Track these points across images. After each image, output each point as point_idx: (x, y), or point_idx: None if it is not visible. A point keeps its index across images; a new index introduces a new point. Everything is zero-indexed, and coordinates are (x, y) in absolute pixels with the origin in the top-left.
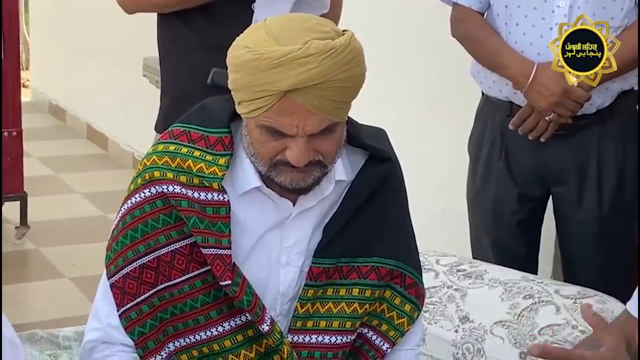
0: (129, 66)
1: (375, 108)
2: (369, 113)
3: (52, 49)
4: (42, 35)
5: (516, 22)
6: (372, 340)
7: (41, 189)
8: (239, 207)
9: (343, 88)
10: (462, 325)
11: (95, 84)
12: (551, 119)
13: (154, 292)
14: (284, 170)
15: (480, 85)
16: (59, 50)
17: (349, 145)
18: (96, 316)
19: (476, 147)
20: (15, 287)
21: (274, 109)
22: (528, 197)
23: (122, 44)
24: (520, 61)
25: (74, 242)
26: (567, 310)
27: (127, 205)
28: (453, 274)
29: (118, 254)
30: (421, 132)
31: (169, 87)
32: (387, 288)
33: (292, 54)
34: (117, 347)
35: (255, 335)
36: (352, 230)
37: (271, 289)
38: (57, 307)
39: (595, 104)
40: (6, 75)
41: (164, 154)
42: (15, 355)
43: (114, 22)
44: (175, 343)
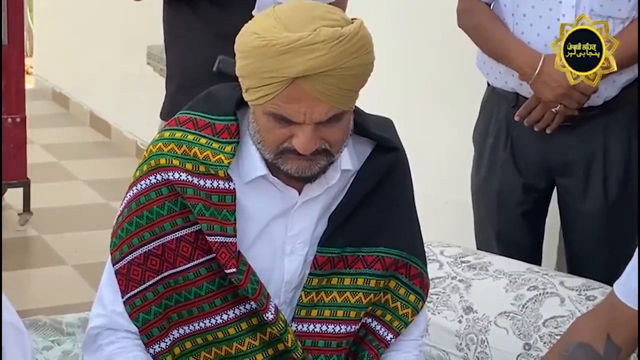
0: (133, 54)
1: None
2: (376, 103)
3: (55, 36)
4: (46, 22)
5: (523, 13)
6: (376, 330)
7: (44, 176)
8: (245, 195)
9: (351, 76)
10: (465, 315)
11: (99, 72)
12: (557, 111)
13: (159, 279)
14: (290, 158)
15: (486, 76)
16: (62, 38)
17: (356, 134)
18: (101, 303)
19: (481, 138)
20: (18, 273)
21: (281, 96)
22: (533, 189)
23: (126, 32)
24: (527, 52)
25: (76, 229)
26: (572, 302)
27: (133, 192)
28: (457, 265)
29: (123, 240)
30: (426, 123)
31: (174, 74)
32: (391, 278)
33: (301, 41)
34: (122, 333)
35: (259, 323)
36: (358, 220)
37: (276, 278)
38: (60, 294)
39: (602, 95)
40: (10, 62)
41: (170, 141)
42: (21, 341)
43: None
44: (179, 330)
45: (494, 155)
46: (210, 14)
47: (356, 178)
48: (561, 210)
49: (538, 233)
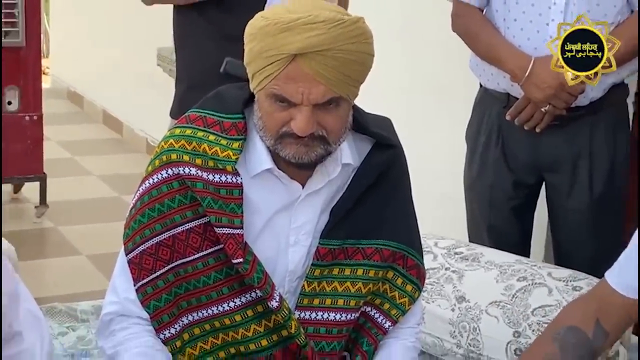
0: (144, 55)
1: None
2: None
3: (70, 38)
4: (61, 25)
5: (514, 18)
6: (375, 318)
7: (59, 171)
8: (251, 189)
9: (349, 60)
10: (458, 304)
11: (111, 72)
12: (546, 111)
13: (169, 269)
14: (289, 143)
15: (479, 77)
16: (77, 40)
17: (356, 132)
18: (114, 290)
19: (474, 137)
20: (35, 263)
21: (281, 76)
22: (522, 185)
23: (137, 35)
24: (518, 55)
25: (90, 221)
26: (559, 292)
27: (145, 185)
28: (451, 257)
29: (136, 231)
30: (422, 122)
31: (184, 75)
32: (389, 269)
33: (301, 19)
34: (134, 319)
35: (264, 311)
36: (358, 213)
37: (280, 268)
38: (75, 282)
39: (588, 96)
40: (28, 63)
41: (181, 137)
42: (39, 327)
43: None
44: (188, 317)
45: (486, 152)
46: (217, 18)
47: (356, 173)
48: (549, 205)
49: (527, 226)
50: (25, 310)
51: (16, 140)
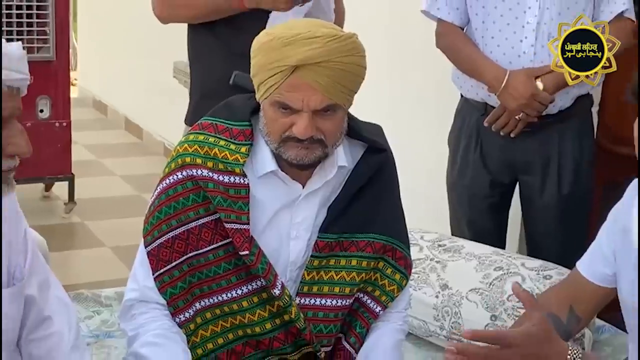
0: (161, 69)
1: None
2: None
3: (96, 53)
4: (87, 41)
5: (491, 36)
6: (367, 303)
7: (86, 172)
8: (257, 189)
9: (344, 72)
10: (442, 291)
11: (132, 83)
12: (520, 118)
13: (184, 260)
14: (291, 146)
15: (460, 88)
16: (101, 54)
17: (350, 137)
18: (134, 279)
19: (455, 141)
20: (64, 254)
21: (284, 85)
22: (499, 184)
23: (155, 50)
24: (495, 69)
25: (113, 216)
26: (531, 280)
27: (162, 185)
28: (435, 249)
29: (154, 226)
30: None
31: (197, 86)
32: (380, 260)
33: (301, 34)
34: (152, 305)
35: (268, 297)
36: (352, 210)
37: (282, 259)
38: (99, 271)
39: (557, 105)
40: (58, 75)
41: (194, 142)
42: (67, 312)
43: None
44: (201, 302)
45: (466, 155)
46: (227, 35)
47: (351, 175)
48: (522, 202)
49: (503, 221)
50: (54, 296)
51: (47, 144)
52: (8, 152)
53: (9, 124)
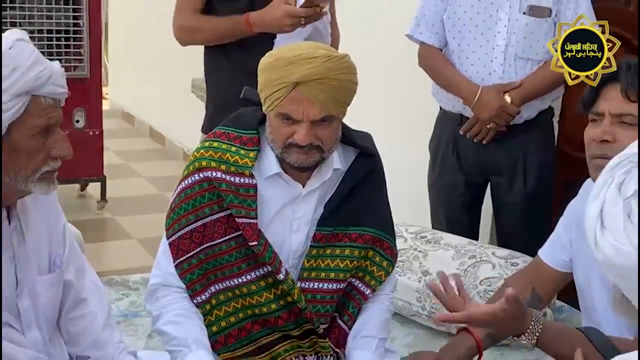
0: (181, 84)
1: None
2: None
3: (124, 70)
4: (117, 60)
5: (466, 56)
6: (358, 287)
7: (116, 174)
8: (263, 188)
9: (338, 87)
10: (423, 277)
11: (156, 97)
12: (491, 127)
13: (201, 249)
14: (293, 151)
15: (439, 102)
16: (129, 72)
17: (344, 144)
18: (158, 266)
19: (435, 147)
20: (97, 245)
21: (287, 99)
22: (472, 184)
23: (175, 68)
24: (469, 85)
25: (139, 212)
26: (501, 267)
27: (182, 185)
28: (417, 240)
29: (175, 221)
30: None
31: (212, 100)
32: (370, 249)
33: (301, 56)
34: (173, 288)
35: (274, 282)
36: (345, 206)
37: (286, 248)
38: (127, 260)
39: (523, 116)
40: (91, 90)
41: (209, 148)
42: (100, 294)
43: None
44: (215, 286)
45: (444, 159)
46: (238, 56)
47: (344, 176)
48: (493, 200)
49: (476, 216)
50: (89, 281)
51: (82, 150)
52: (53, 155)
53: (54, 131)
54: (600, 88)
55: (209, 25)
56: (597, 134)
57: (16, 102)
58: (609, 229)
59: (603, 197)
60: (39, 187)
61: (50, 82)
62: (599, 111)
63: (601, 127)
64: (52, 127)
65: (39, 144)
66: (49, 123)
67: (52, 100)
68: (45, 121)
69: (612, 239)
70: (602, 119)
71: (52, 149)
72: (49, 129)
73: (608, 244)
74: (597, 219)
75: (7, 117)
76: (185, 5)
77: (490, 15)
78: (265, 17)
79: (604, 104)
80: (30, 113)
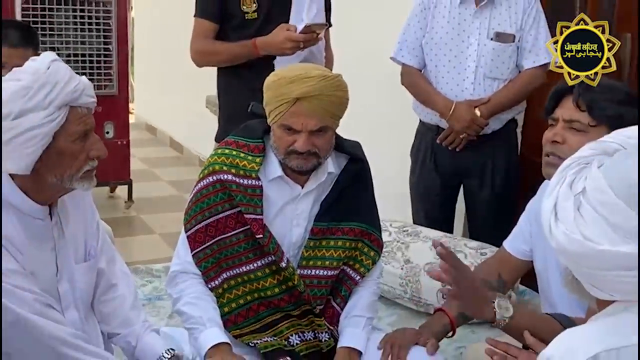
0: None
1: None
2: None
3: (148, 88)
4: (142, 80)
5: (442, 76)
6: (349, 273)
7: (141, 178)
8: (268, 189)
9: (332, 102)
10: (405, 265)
11: (175, 111)
12: (463, 137)
13: (214, 241)
14: (293, 157)
15: (419, 115)
16: (152, 90)
17: (337, 151)
18: (177, 256)
19: (415, 154)
20: (125, 239)
21: (288, 113)
22: (448, 185)
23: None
24: (444, 100)
25: (161, 211)
26: (472, 256)
27: (198, 187)
28: (400, 233)
29: (192, 217)
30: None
31: (223, 113)
32: (359, 241)
33: (300, 75)
34: (190, 275)
35: (277, 269)
36: (339, 205)
37: (287, 240)
38: (151, 251)
39: (491, 127)
40: (119, 105)
41: (222, 155)
42: (128, 281)
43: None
44: (227, 273)
45: (423, 164)
46: (246, 76)
47: (337, 179)
48: (465, 199)
49: (451, 213)
50: (118, 269)
51: (111, 157)
52: (92, 156)
53: (91, 135)
54: (559, 98)
55: (222, 49)
56: (550, 135)
57: (59, 113)
58: (562, 220)
59: (556, 193)
60: (81, 184)
61: (84, 93)
62: (555, 117)
63: (554, 130)
64: (89, 132)
65: (80, 147)
66: (86, 129)
67: (86, 109)
68: (83, 127)
69: (564, 229)
70: (557, 123)
71: (90, 150)
72: (87, 133)
73: (560, 233)
74: (551, 212)
75: (52, 127)
76: (201, 32)
77: (462, 41)
78: (269, 41)
79: (559, 111)
80: (71, 121)
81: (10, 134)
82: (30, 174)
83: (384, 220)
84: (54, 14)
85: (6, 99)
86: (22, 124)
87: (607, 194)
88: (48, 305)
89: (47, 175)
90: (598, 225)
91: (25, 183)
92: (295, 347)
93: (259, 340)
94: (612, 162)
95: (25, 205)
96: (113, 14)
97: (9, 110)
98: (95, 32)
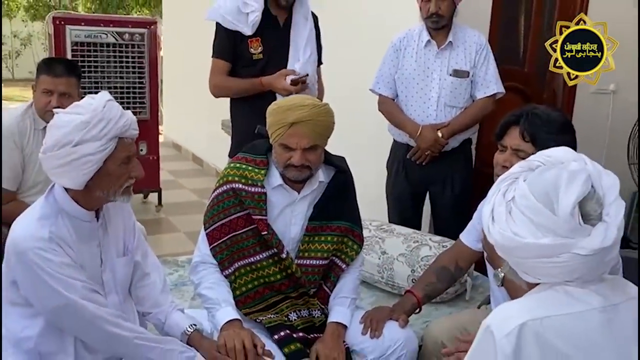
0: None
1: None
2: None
3: (174, 114)
4: (169, 105)
5: (411, 104)
6: (337, 263)
7: (169, 186)
8: (271, 195)
9: (321, 126)
10: (382, 256)
11: (197, 132)
12: (428, 154)
13: (228, 237)
14: (291, 169)
15: (393, 135)
16: (178, 115)
17: (326, 164)
18: (198, 249)
19: (390, 167)
20: (155, 236)
21: (286, 134)
22: (416, 192)
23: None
24: (413, 124)
25: (185, 213)
26: (435, 248)
27: (214, 194)
28: (378, 230)
29: (210, 218)
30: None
31: (235, 134)
32: (345, 237)
33: (295, 104)
34: (209, 264)
35: (278, 259)
36: (328, 207)
37: (287, 236)
38: (177, 246)
39: (450, 146)
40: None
41: (234, 168)
42: (158, 270)
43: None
44: (238, 263)
45: (397, 175)
46: (254, 104)
47: (327, 186)
48: (431, 202)
49: (419, 214)
50: (150, 261)
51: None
52: (132, 176)
53: (132, 159)
54: (507, 127)
55: (234, 84)
56: (501, 160)
57: (110, 143)
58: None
59: (493, 201)
60: (122, 198)
61: (131, 127)
62: (504, 144)
63: (504, 156)
64: (131, 157)
65: (124, 169)
66: (129, 155)
67: (131, 139)
68: (127, 154)
69: (499, 228)
70: (505, 149)
71: (131, 171)
72: (130, 158)
73: (496, 232)
74: (489, 215)
75: (104, 155)
76: (217, 70)
77: (427, 76)
78: (272, 82)
79: (507, 139)
80: (119, 149)
81: (70, 157)
82: (82, 189)
83: (365, 220)
84: (97, 54)
85: (70, 130)
86: (79, 151)
87: (530, 200)
88: (94, 291)
89: (96, 190)
90: (524, 224)
91: (77, 195)
92: (293, 322)
93: (264, 317)
94: (534, 175)
95: (76, 211)
96: (146, 53)
97: (71, 138)
98: (132, 68)
